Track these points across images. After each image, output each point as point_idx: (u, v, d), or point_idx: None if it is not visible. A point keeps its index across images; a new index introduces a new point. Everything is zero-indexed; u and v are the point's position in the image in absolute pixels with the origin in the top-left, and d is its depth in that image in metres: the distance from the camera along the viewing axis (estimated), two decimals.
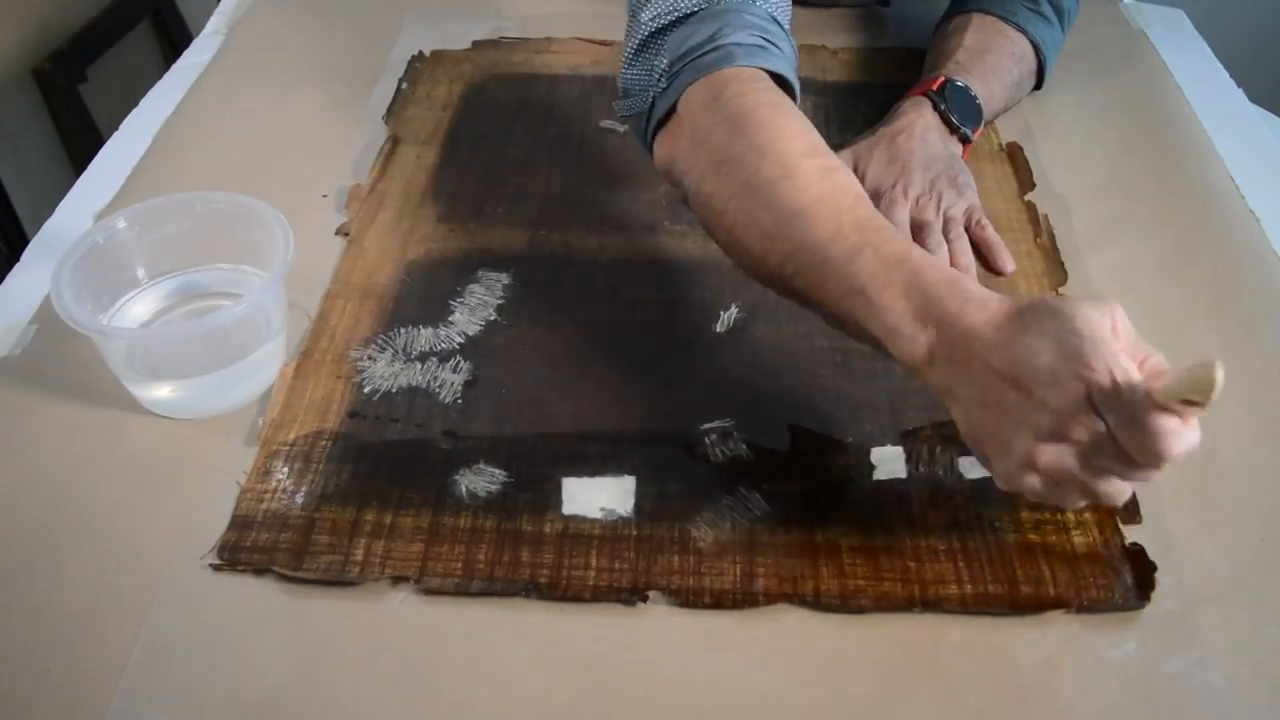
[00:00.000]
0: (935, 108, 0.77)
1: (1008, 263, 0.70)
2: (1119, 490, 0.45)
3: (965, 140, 0.77)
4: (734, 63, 0.58)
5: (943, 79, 0.77)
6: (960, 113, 0.76)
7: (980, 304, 0.47)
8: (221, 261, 0.65)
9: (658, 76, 0.61)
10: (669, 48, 0.61)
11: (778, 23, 0.63)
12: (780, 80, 0.60)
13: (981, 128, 0.78)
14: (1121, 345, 0.44)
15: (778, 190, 0.53)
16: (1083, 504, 0.48)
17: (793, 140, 0.55)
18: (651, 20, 0.62)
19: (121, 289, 0.63)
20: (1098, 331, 0.43)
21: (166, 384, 0.60)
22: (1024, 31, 0.82)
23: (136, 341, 0.61)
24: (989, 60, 0.80)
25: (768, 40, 0.61)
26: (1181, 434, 0.42)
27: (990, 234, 0.71)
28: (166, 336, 0.63)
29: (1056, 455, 0.44)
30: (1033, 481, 0.46)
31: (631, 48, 0.63)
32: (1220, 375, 0.40)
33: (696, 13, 0.61)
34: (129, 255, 0.63)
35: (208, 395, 0.61)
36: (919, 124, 0.75)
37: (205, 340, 0.59)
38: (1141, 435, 0.42)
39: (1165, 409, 0.41)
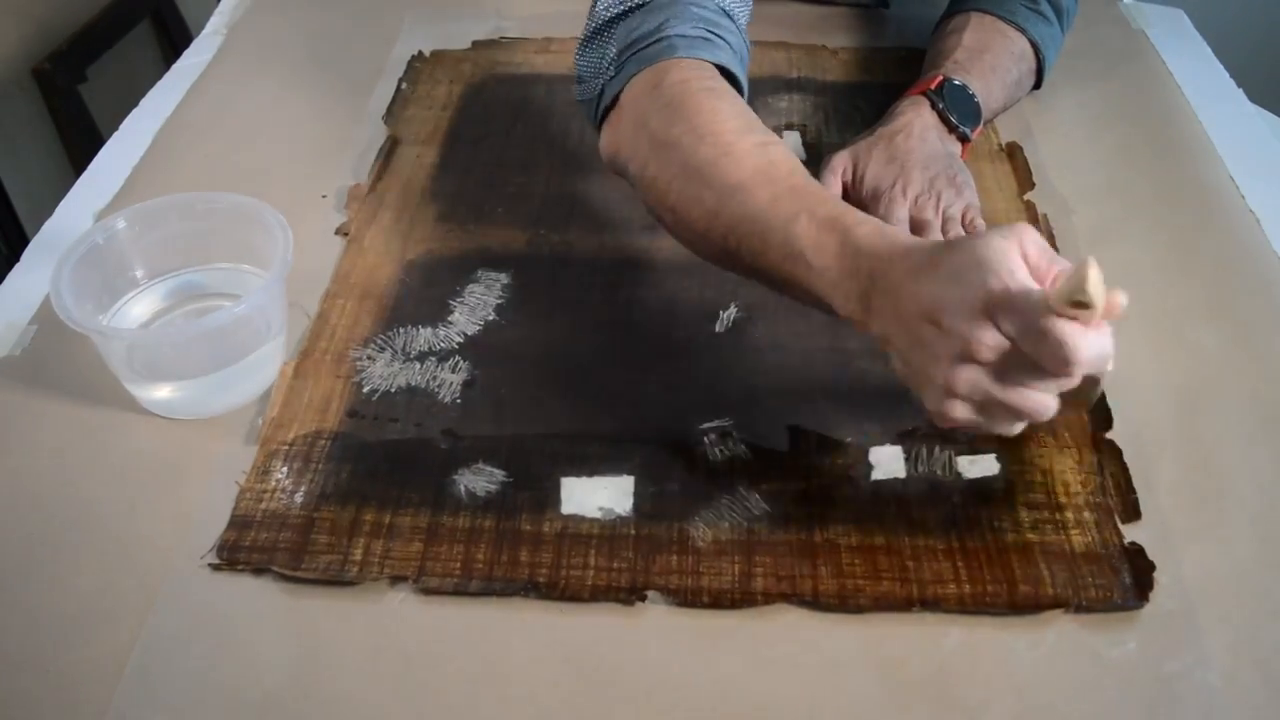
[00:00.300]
0: (934, 107, 0.76)
1: None
2: (1040, 403, 0.46)
3: (964, 139, 0.77)
4: (675, 54, 0.60)
5: (941, 78, 0.77)
6: (958, 112, 0.76)
7: (905, 254, 0.48)
8: (221, 261, 0.65)
9: (606, 64, 0.63)
10: (617, 37, 0.63)
11: (729, 15, 0.65)
12: (726, 73, 0.62)
13: (980, 127, 0.78)
14: (1031, 262, 0.45)
15: (717, 167, 0.55)
16: (1017, 428, 0.48)
17: (728, 120, 0.57)
18: (604, 9, 0.64)
19: (121, 289, 0.63)
20: (998, 253, 0.45)
21: (166, 384, 0.60)
22: (1023, 31, 0.81)
23: (136, 341, 0.61)
24: (987, 59, 0.79)
25: (713, 33, 0.62)
26: (1083, 334, 0.43)
27: None
28: (166, 336, 0.63)
29: (970, 375, 0.46)
30: (959, 409, 0.47)
31: (585, 35, 0.65)
32: (1094, 270, 0.41)
33: (647, 4, 0.63)
34: (129, 255, 0.63)
35: (208, 395, 0.61)
36: (917, 123, 0.75)
37: (205, 340, 0.59)
38: (1043, 341, 0.43)
39: (1061, 314, 0.42)
